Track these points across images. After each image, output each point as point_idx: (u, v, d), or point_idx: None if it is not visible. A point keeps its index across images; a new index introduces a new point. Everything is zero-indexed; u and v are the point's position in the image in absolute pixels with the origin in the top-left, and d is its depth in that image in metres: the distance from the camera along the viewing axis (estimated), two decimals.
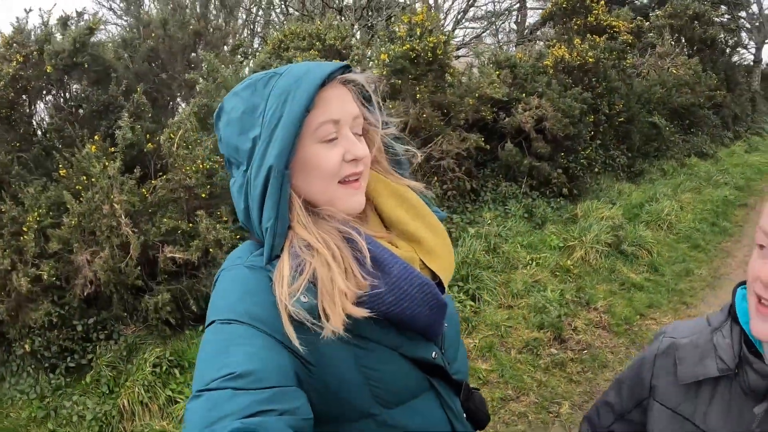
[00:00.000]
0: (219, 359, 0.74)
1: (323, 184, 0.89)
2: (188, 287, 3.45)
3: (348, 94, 0.91)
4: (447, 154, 5.62)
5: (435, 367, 0.96)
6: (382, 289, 0.84)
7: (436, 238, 0.99)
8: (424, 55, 4.56)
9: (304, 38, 5.00)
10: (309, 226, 0.86)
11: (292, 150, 0.83)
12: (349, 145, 0.89)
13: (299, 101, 0.83)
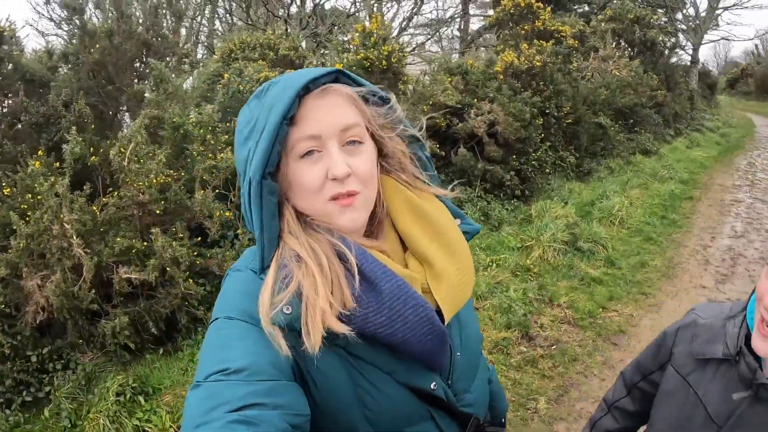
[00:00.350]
0: (218, 354, 0.77)
1: (309, 202, 0.86)
2: (146, 309, 3.34)
3: (340, 101, 0.85)
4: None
5: (436, 399, 0.92)
6: (372, 307, 0.81)
7: (449, 262, 0.92)
8: (378, 63, 4.62)
9: (255, 48, 4.98)
10: (299, 236, 0.84)
11: (269, 161, 0.81)
12: (330, 162, 0.83)
13: (276, 111, 0.81)
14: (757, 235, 6.69)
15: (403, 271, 0.87)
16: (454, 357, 0.95)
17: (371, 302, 0.81)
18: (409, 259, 0.94)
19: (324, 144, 0.84)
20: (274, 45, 5.08)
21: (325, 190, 0.84)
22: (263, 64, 4.39)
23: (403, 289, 0.83)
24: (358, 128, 0.86)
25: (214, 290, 3.74)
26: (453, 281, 0.91)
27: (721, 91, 27.26)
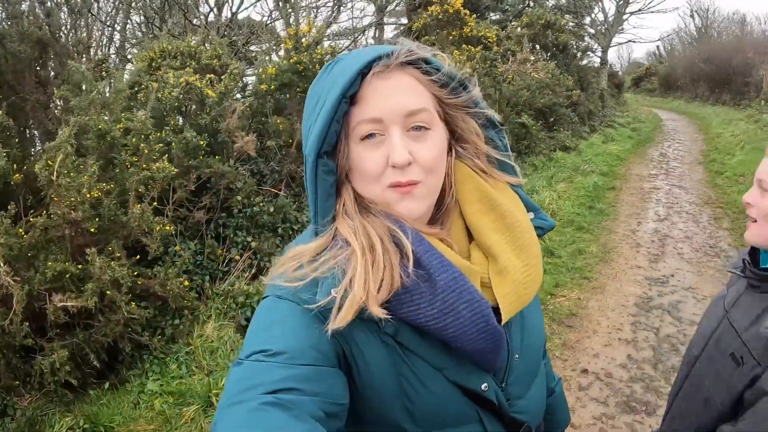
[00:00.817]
0: (262, 334, 0.78)
1: (368, 186, 0.84)
2: (85, 340, 3.09)
3: (407, 84, 0.82)
4: None
5: (486, 400, 0.88)
6: (425, 297, 0.78)
7: (516, 257, 0.88)
8: (312, 67, 4.63)
9: (176, 56, 4.84)
10: (354, 218, 0.83)
11: (326, 140, 0.79)
12: (390, 148, 0.80)
13: (336, 89, 0.79)
14: (679, 218, 7.26)
15: (461, 262, 0.84)
16: (511, 359, 0.91)
17: (425, 292, 0.78)
18: (473, 250, 0.90)
19: (386, 128, 0.81)
20: (195, 53, 4.96)
21: (384, 177, 0.82)
22: (189, 71, 4.27)
23: (459, 281, 0.79)
24: (425, 113, 0.82)
25: (157, 313, 3.56)
26: (518, 278, 0.87)
27: (627, 90, 29.46)
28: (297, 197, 5.54)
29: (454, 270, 0.80)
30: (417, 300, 0.78)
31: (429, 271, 0.79)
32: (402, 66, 0.82)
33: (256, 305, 4.14)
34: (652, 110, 22.89)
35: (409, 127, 0.81)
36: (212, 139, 4.26)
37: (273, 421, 0.64)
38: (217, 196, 4.46)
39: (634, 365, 3.80)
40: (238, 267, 4.52)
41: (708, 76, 21.82)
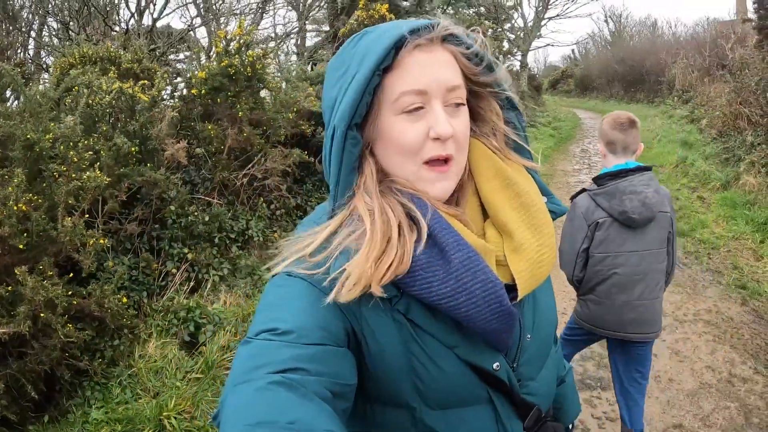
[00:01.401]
0: (270, 312, 0.79)
1: (402, 161, 0.85)
2: (20, 369, 2.87)
3: (446, 59, 0.84)
4: (271, 172, 5.69)
5: (498, 381, 0.88)
6: (438, 275, 0.79)
7: (531, 236, 0.88)
8: (243, 70, 4.57)
9: (96, 62, 4.62)
10: (373, 195, 0.83)
11: (357, 112, 0.80)
12: (434, 121, 0.82)
13: (369, 60, 0.80)
14: None
15: (477, 242, 0.85)
16: (523, 339, 0.92)
17: (438, 271, 0.79)
18: (488, 228, 0.91)
19: (429, 101, 0.83)
20: (115, 58, 4.76)
21: (423, 151, 0.83)
22: (114, 77, 4.10)
23: (473, 261, 0.80)
24: (462, 90, 0.86)
25: (95, 334, 3.38)
26: (532, 256, 0.87)
27: (545, 92, 31.10)
28: (231, 205, 5.44)
29: (470, 249, 0.81)
30: (430, 278, 0.79)
31: (444, 248, 0.80)
32: (441, 40, 0.84)
33: (198, 319, 4.03)
34: (571, 110, 24.33)
35: (449, 102, 0.84)
36: (142, 146, 4.11)
37: (280, 400, 0.65)
38: (149, 207, 4.30)
39: None
40: (176, 281, 4.38)
41: (622, 77, 23.56)
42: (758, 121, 8.09)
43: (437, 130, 0.82)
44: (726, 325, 4.45)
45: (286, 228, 5.93)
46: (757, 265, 5.62)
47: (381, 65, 0.80)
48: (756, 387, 3.60)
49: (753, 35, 9.31)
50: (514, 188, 0.90)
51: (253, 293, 4.78)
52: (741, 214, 6.78)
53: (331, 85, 0.87)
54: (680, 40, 20.06)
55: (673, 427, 3.19)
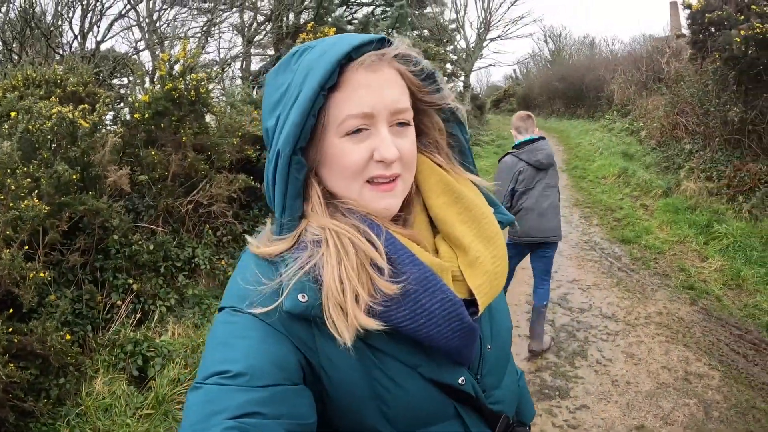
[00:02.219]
0: (219, 352, 0.77)
1: (346, 183, 0.84)
2: None
3: (392, 78, 0.84)
4: (216, 198, 5.67)
5: (464, 395, 0.89)
6: (396, 298, 0.78)
7: (485, 248, 0.89)
8: (187, 94, 4.57)
9: (41, 84, 4.53)
10: (324, 219, 0.83)
11: (302, 135, 0.79)
12: (379, 143, 0.82)
13: (313, 79, 0.78)
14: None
15: (432, 260, 0.84)
16: (484, 350, 0.93)
17: (395, 293, 0.78)
18: (440, 244, 0.91)
19: (374, 123, 0.82)
20: (61, 81, 4.68)
21: (366, 172, 0.83)
22: (54, 101, 4.03)
23: (430, 281, 0.80)
24: (409, 111, 0.85)
25: (39, 373, 3.26)
26: (489, 269, 0.88)
27: (488, 111, 32.05)
28: (176, 233, 5.37)
29: (426, 269, 0.81)
30: (386, 301, 0.78)
31: (400, 270, 0.79)
32: (387, 61, 0.83)
33: (145, 352, 3.94)
34: None
35: (393, 122, 0.83)
36: (84, 173, 4.04)
37: None
38: (91, 237, 4.20)
39: (537, 357, 4.22)
40: (121, 313, 4.28)
41: (563, 94, 24.64)
42: (695, 130, 8.67)
43: (382, 153, 0.81)
44: (677, 325, 4.71)
45: (233, 255, 5.89)
46: (702, 265, 5.98)
47: (326, 85, 0.78)
48: (712, 382, 3.82)
49: (687, 49, 10.02)
50: (463, 202, 0.92)
51: (201, 323, 4.71)
52: (683, 218, 7.21)
53: (273, 103, 0.85)
54: (618, 57, 21.22)
55: (636, 429, 3.33)
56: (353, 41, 0.81)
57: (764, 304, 4.95)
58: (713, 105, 8.00)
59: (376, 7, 14.96)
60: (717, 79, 7.98)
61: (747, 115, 7.37)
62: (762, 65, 7.00)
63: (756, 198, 6.90)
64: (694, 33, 8.41)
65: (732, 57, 7.20)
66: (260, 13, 12.33)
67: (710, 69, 8.17)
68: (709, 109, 8.06)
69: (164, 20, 8.69)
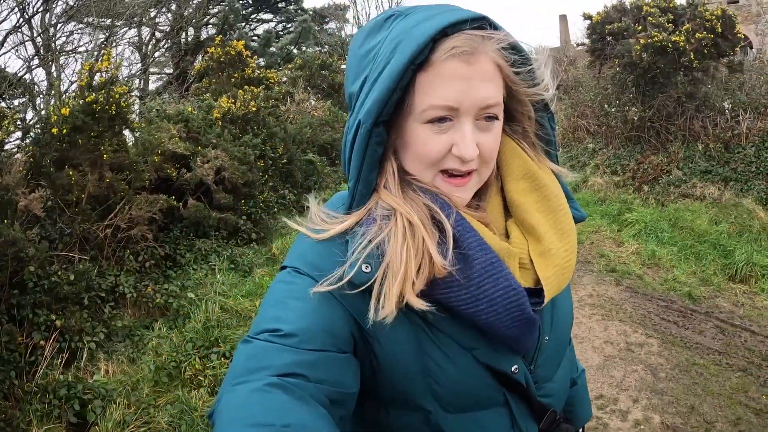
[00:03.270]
0: (275, 310, 0.80)
1: (420, 168, 0.84)
2: None
3: (489, 72, 0.80)
4: (136, 221, 5.39)
5: (515, 383, 0.89)
6: (459, 280, 0.79)
7: (558, 240, 0.89)
8: (108, 108, 4.32)
9: None
10: (396, 194, 0.83)
11: (385, 110, 0.78)
12: (460, 139, 0.80)
13: (403, 53, 0.76)
14: None
15: (500, 245, 0.84)
16: (541, 340, 0.92)
17: (459, 275, 0.79)
18: (512, 228, 0.90)
19: (459, 115, 0.80)
20: None
21: (442, 163, 0.83)
22: None
23: (495, 266, 0.80)
24: (499, 106, 0.83)
25: None
26: (560, 262, 0.88)
27: None
28: (95, 260, 5.03)
29: (492, 254, 0.81)
30: (450, 282, 0.79)
31: (467, 253, 0.80)
32: (485, 49, 0.79)
33: (81, 395, 3.63)
34: None
35: (480, 117, 0.81)
36: None
37: (277, 403, 0.66)
38: (4, 270, 3.83)
39: None
40: (46, 354, 3.92)
41: None
42: (596, 130, 9.43)
43: (461, 151, 0.80)
44: (609, 304, 5.06)
45: (157, 280, 5.60)
46: (620, 250, 6.46)
47: (416, 60, 0.76)
48: (653, 348, 4.17)
49: (585, 57, 10.86)
50: (543, 191, 0.91)
51: (136, 356, 4.43)
52: (595, 210, 7.75)
53: (359, 66, 0.84)
54: None
55: (596, 399, 3.55)
56: (451, 17, 0.77)
57: (682, 277, 5.46)
58: (613, 106, 8.74)
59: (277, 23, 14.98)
60: (616, 83, 8.76)
61: (645, 114, 8.18)
62: (658, 69, 7.78)
63: (660, 186, 7.60)
64: (594, 42, 9.19)
65: (630, 63, 8.01)
66: (158, 29, 11.95)
67: (609, 74, 8.94)
68: (610, 111, 8.80)
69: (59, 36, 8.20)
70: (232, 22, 10.68)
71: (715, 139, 7.69)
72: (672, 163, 7.85)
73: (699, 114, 7.94)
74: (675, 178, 7.67)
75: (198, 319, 4.71)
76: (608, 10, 8.97)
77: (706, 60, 7.70)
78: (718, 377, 3.71)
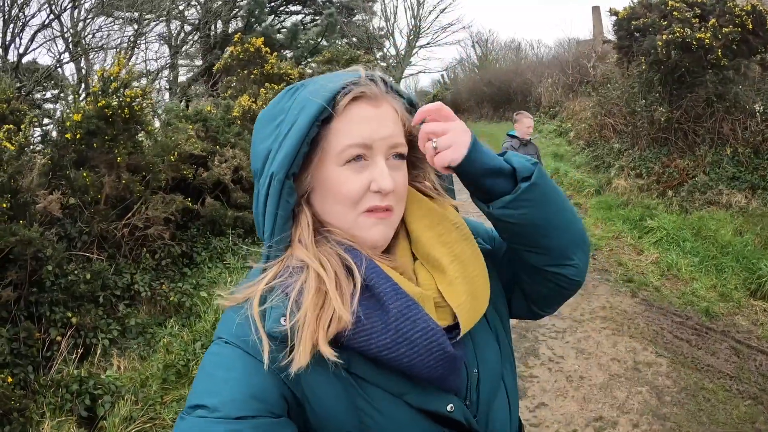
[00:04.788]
0: (205, 384, 0.82)
1: (342, 210, 0.88)
2: None
3: (390, 115, 0.90)
4: (153, 221, 5.54)
5: (454, 422, 0.89)
6: (376, 327, 0.81)
7: (464, 269, 0.92)
8: (121, 112, 4.45)
9: None
10: (309, 247, 0.86)
11: (296, 161, 0.84)
12: (377, 174, 0.86)
13: (309, 110, 0.84)
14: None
15: (414, 289, 0.87)
16: (470, 374, 0.93)
17: (376, 322, 0.81)
18: (419, 271, 0.94)
19: (372, 154, 0.87)
20: None
21: (363, 202, 0.87)
22: None
23: (412, 309, 0.83)
24: (404, 146, 0.91)
25: None
26: (468, 288, 0.91)
27: None
28: (112, 259, 5.19)
29: (408, 298, 0.83)
30: (369, 330, 0.81)
31: (381, 298, 0.83)
32: (386, 94, 0.91)
33: (92, 390, 3.79)
34: None
35: (390, 155, 0.89)
36: (13, 200, 3.85)
37: None
38: (24, 269, 4.01)
39: None
40: (62, 349, 4.10)
41: (491, 98, 25.54)
42: (622, 130, 9.23)
43: (380, 184, 0.86)
44: (621, 317, 5.00)
45: (173, 278, 5.76)
46: (639, 258, 6.36)
47: (320, 117, 0.84)
48: (661, 369, 4.09)
49: (613, 53, 10.62)
50: (444, 224, 0.95)
51: (147, 354, 4.58)
52: (617, 214, 7.63)
53: (265, 135, 0.90)
54: (543, 61, 22.19)
55: (594, 421, 3.52)
56: (352, 77, 0.88)
57: (701, 291, 5.33)
58: (640, 106, 8.54)
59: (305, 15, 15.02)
60: (643, 81, 8.54)
61: (672, 114, 7.94)
62: (684, 68, 7.55)
63: (684, 191, 7.41)
64: (620, 38, 8.99)
65: (657, 60, 7.76)
66: (187, 22, 12.11)
67: (636, 72, 8.71)
68: (636, 110, 8.59)
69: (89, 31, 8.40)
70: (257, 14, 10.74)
71: (745, 143, 7.41)
72: (698, 168, 7.63)
73: (728, 116, 7.65)
74: (701, 184, 7.45)
75: (208, 318, 4.85)
76: (634, 5, 8.72)
77: (737, 58, 7.41)
78: (726, 405, 3.61)
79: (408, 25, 24.54)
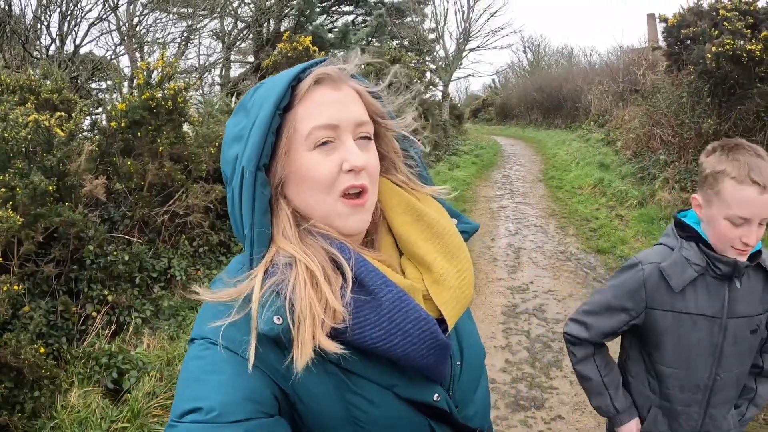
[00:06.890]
0: (192, 389, 0.79)
1: (319, 197, 0.88)
2: None
3: (352, 96, 0.90)
4: (193, 209, 5.72)
5: (438, 411, 0.92)
6: (369, 319, 0.82)
7: (448, 264, 0.93)
8: (164, 104, 4.64)
9: (15, 90, 4.54)
10: (294, 241, 0.85)
11: (264, 151, 0.84)
12: (346, 154, 0.86)
13: (270, 101, 0.85)
14: (528, 231, 8.30)
15: (403, 282, 0.88)
16: (454, 366, 0.96)
17: (369, 314, 0.82)
18: (405, 265, 0.95)
19: (340, 135, 0.87)
20: (35, 88, 4.70)
21: (337, 184, 0.87)
22: (31, 108, 4.06)
23: (404, 301, 0.83)
24: (370, 125, 0.91)
25: (13, 386, 3.27)
26: (453, 284, 0.92)
27: (467, 120, 32.47)
28: (152, 243, 5.40)
29: (399, 290, 0.84)
30: (361, 323, 0.81)
31: (373, 291, 0.83)
32: (346, 80, 0.91)
33: (121, 365, 3.97)
34: (492, 137, 25.53)
35: (357, 136, 0.89)
36: (60, 183, 4.07)
37: None
38: (66, 247, 4.23)
39: (513, 367, 4.32)
40: (96, 324, 4.31)
41: (541, 104, 25.19)
42: (670, 141, 8.94)
43: (351, 161, 0.86)
44: None
45: (209, 265, 5.93)
46: None
47: (280, 105, 0.85)
48: None
49: (663, 62, 10.32)
50: (425, 219, 0.95)
51: (177, 335, 4.75)
52: (658, 228, 7.42)
53: (231, 140, 0.90)
54: (595, 68, 21.75)
55: None
56: (305, 65, 0.89)
57: None
58: (688, 117, 8.26)
59: (357, 16, 15.16)
60: (692, 91, 8.25)
61: (721, 127, 7.65)
62: (734, 79, 7.28)
63: None
64: (670, 46, 8.73)
65: (706, 71, 7.50)
66: (240, 20, 12.43)
67: (685, 82, 8.44)
68: (684, 121, 8.32)
69: (143, 25, 8.76)
70: (307, 14, 10.93)
71: None
72: None
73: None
74: None
75: None
76: (684, 12, 8.44)
77: None
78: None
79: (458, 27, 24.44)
